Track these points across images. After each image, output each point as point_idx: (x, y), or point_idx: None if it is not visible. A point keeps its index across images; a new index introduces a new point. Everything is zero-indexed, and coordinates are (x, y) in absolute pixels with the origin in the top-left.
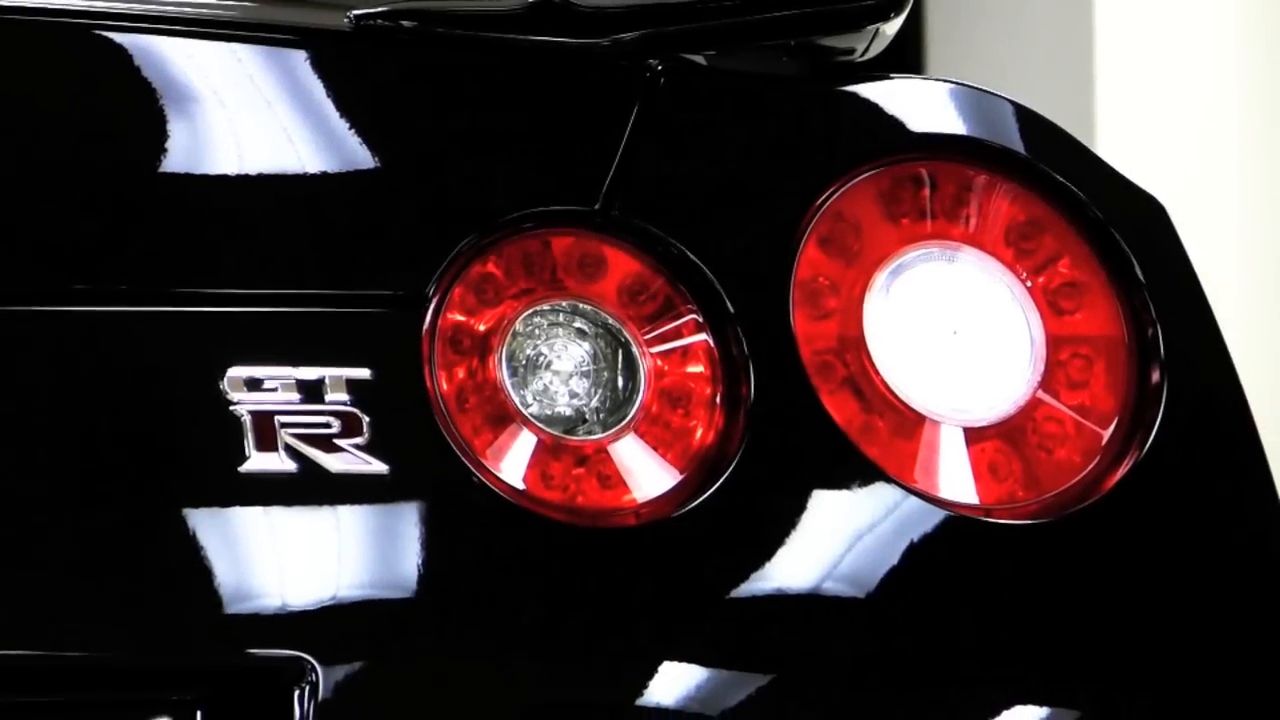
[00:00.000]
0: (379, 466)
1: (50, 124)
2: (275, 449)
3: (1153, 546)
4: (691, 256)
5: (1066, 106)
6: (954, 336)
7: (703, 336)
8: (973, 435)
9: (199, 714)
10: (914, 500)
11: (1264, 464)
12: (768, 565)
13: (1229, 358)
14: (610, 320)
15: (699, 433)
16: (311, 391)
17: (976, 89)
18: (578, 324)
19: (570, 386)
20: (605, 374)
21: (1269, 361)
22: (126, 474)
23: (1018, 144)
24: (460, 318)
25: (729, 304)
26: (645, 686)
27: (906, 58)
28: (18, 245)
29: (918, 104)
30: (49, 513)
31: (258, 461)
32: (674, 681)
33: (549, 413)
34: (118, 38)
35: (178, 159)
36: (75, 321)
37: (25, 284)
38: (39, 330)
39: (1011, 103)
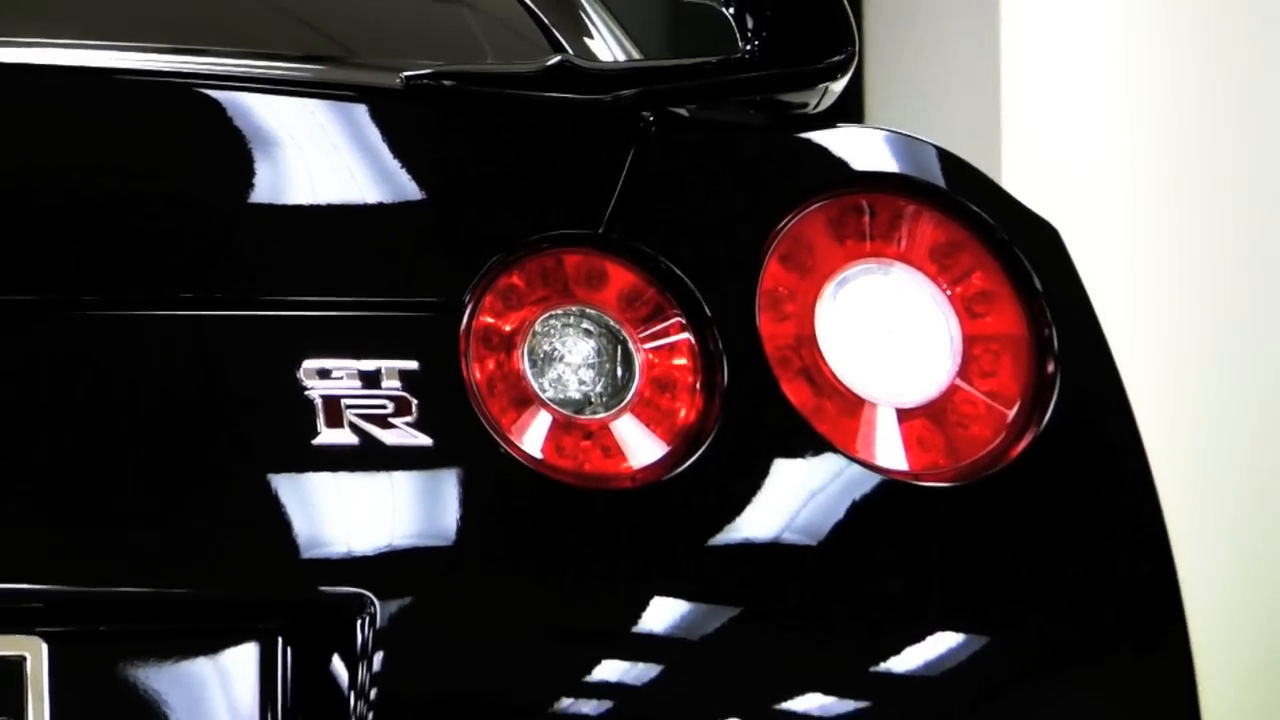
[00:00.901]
0: (424, 440)
1: (171, 166)
2: (341, 425)
3: (1048, 505)
4: (676, 271)
5: (978, 150)
6: (888, 335)
7: (685, 335)
8: (904, 415)
9: (280, 640)
10: (856, 467)
11: (1138, 438)
12: (738, 519)
13: (1110, 353)
14: (611, 322)
15: (682, 413)
16: (370, 379)
17: (907, 135)
18: (585, 325)
19: (579, 375)
20: (607, 365)
21: (1156, 357)
22: (225, 445)
23: (940, 180)
24: (490, 320)
25: (706, 309)
26: (638, 615)
27: (850, 110)
28: (144, 263)
29: (859, 148)
30: (165, 476)
31: (327, 436)
32: (659, 611)
33: (561, 397)
34: (220, 95)
35: (265, 194)
36: (184, 323)
37: (151, 293)
38: (159, 330)
39: (935, 146)
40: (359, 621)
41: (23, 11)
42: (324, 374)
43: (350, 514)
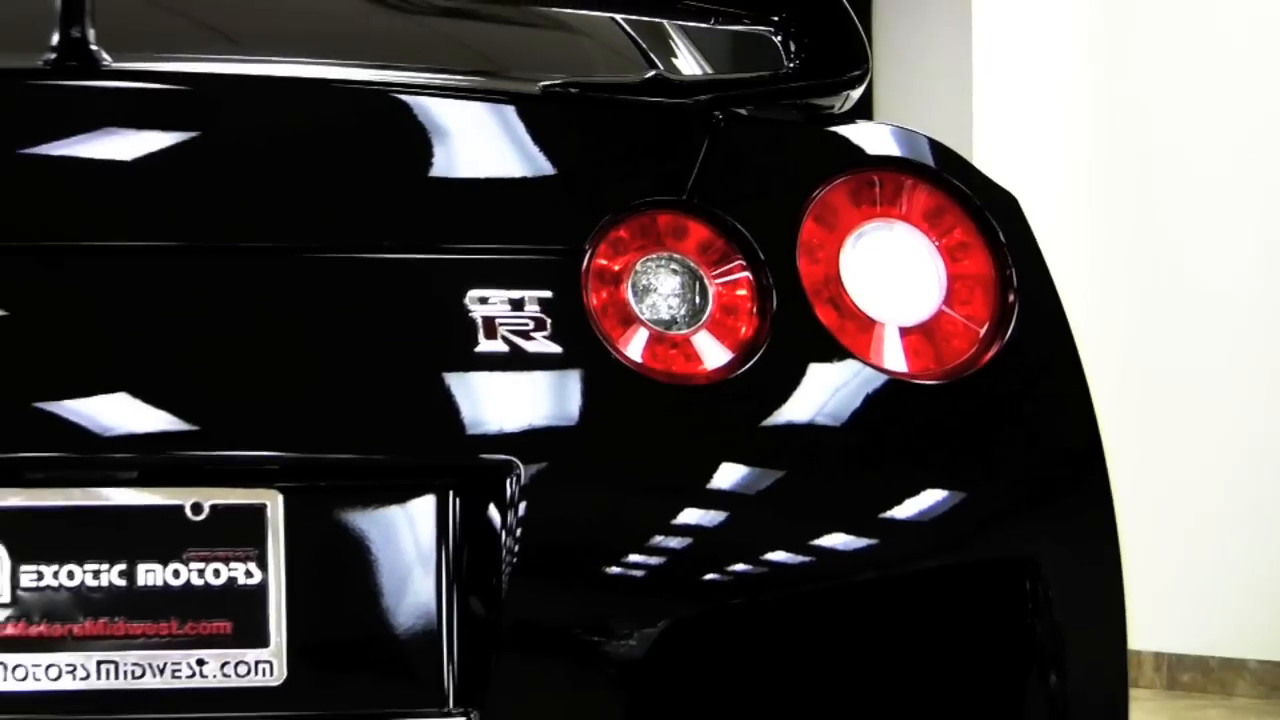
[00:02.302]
0: (556, 348)
1: (378, 151)
2: (495, 338)
3: (1009, 396)
4: (739, 227)
5: (956, 139)
6: (893, 274)
7: (745, 274)
8: (904, 332)
9: (451, 493)
10: (869, 370)
11: (1074, 347)
12: (783, 407)
13: (1054, 287)
14: (691, 264)
15: (743, 330)
16: (516, 304)
17: (906, 129)
18: (672, 266)
19: (668, 302)
20: (688, 295)
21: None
22: (413, 351)
23: (930, 161)
24: (603, 262)
25: (761, 255)
26: (709, 474)
27: (863, 110)
28: (358, 220)
29: (871, 138)
30: (370, 374)
31: (485, 345)
32: (724, 472)
33: (655, 318)
34: (410, 99)
35: (442, 170)
36: (386, 263)
37: (364, 241)
38: (370, 268)
39: (926, 137)
40: (508, 480)
41: (270, 39)
42: (483, 300)
43: (502, 402)
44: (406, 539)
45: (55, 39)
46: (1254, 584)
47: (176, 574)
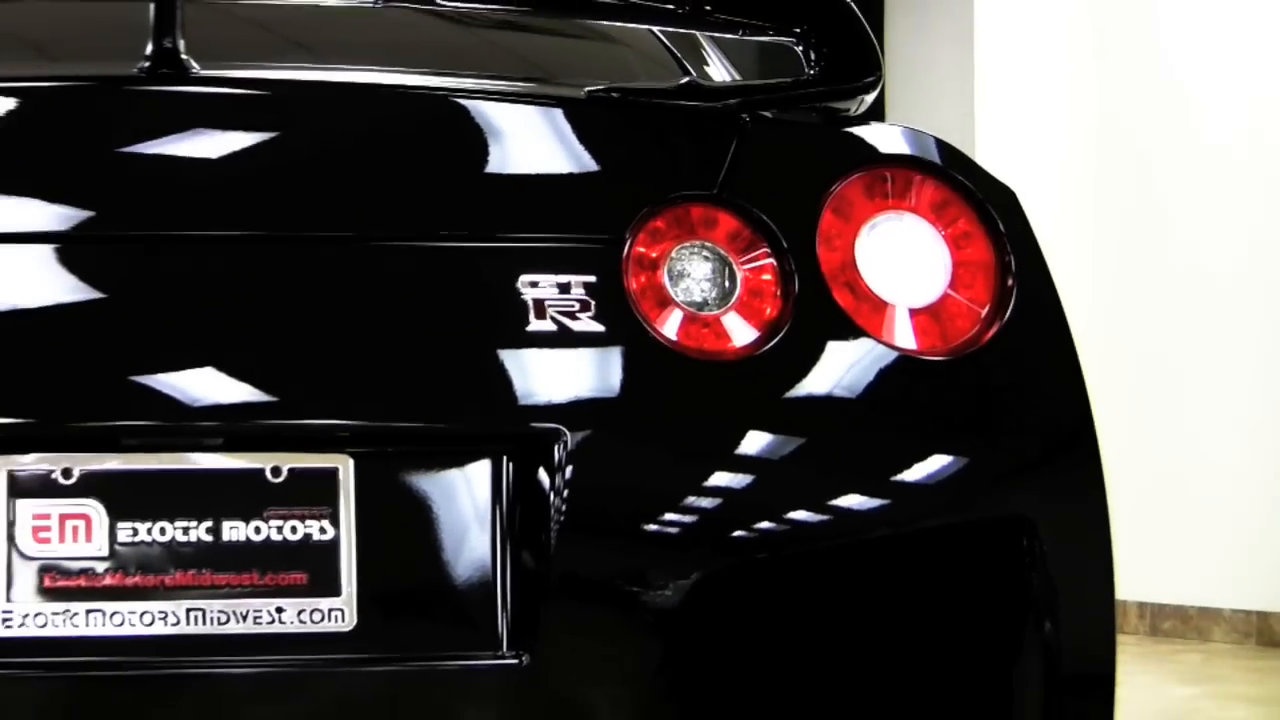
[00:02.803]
0: (599, 327)
1: (440, 149)
2: (545, 318)
3: (1007, 371)
4: (765, 218)
5: (960, 138)
6: (903, 260)
7: (770, 260)
8: (913, 313)
9: (504, 458)
10: (881, 347)
11: (1066, 327)
12: (804, 380)
13: (1049, 272)
14: (721, 251)
15: (768, 311)
16: (564, 288)
17: (914, 130)
18: (704, 253)
19: (700, 286)
20: (718, 280)
21: (1087, 277)
22: (470, 330)
23: (936, 159)
24: (642, 249)
25: (784, 243)
26: (738, 441)
27: (876, 112)
28: (424, 210)
29: (884, 138)
30: (432, 351)
31: (535, 325)
32: (751, 439)
33: (688, 299)
34: (469, 102)
35: (497, 166)
36: (448, 251)
37: (429, 229)
38: (433, 255)
39: (933, 137)
40: (556, 446)
41: (340, 49)
42: (534, 284)
43: (550, 375)
44: (464, 499)
45: (149, 49)
46: (1228, 540)
47: (257, 530)
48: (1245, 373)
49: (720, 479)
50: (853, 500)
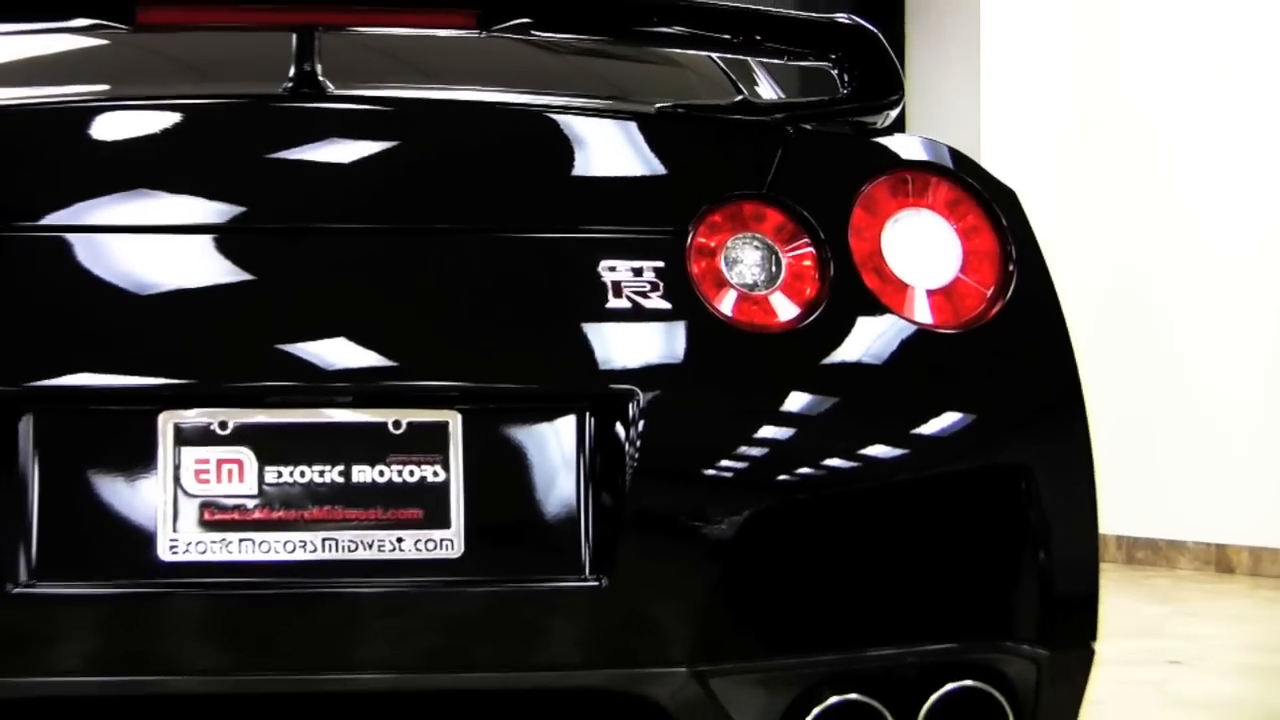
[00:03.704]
0: (667, 305)
1: (534, 156)
2: (621, 297)
3: (1009, 341)
4: (805, 213)
5: (968, 146)
6: (922, 249)
7: (810, 249)
8: (930, 293)
9: (587, 413)
10: (903, 322)
11: (1058, 304)
12: (839, 349)
13: (1043, 259)
14: (769, 241)
15: (808, 291)
16: (637, 272)
17: (931, 139)
18: (754, 243)
19: (751, 271)
20: (766, 265)
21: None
22: (559, 307)
23: (949, 164)
24: (702, 240)
25: (821, 235)
26: (781, 399)
27: (899, 125)
28: (524, 205)
29: (905, 147)
30: (526, 323)
31: (613, 302)
32: (793, 399)
33: (741, 282)
34: (559, 117)
35: (582, 169)
36: (541, 241)
37: (527, 222)
38: (531, 244)
39: (947, 145)
40: (630, 404)
41: (451, 71)
42: (612, 269)
43: (626, 344)
44: (553, 448)
45: (292, 72)
46: (1193, 483)
47: (381, 474)
48: (1225, 338)
49: (767, 431)
50: (879, 450)
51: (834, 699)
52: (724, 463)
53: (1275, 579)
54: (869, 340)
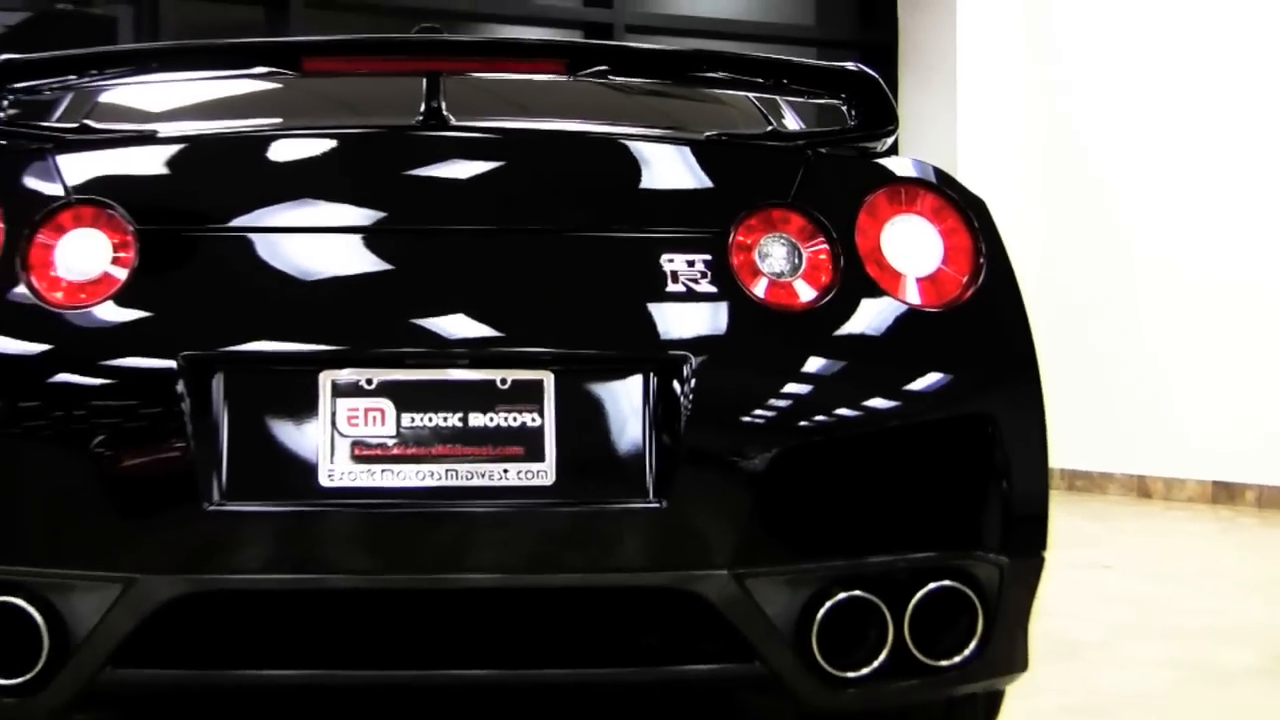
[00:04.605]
0: (713, 289)
1: (603, 175)
2: (678, 283)
3: (980, 317)
4: (821, 217)
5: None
6: (913, 245)
7: (825, 245)
8: (919, 280)
9: (651, 373)
10: (897, 303)
11: (1018, 292)
12: (847, 323)
13: (1006, 254)
14: (793, 240)
15: (823, 278)
16: (690, 263)
17: (920, 160)
18: (781, 240)
19: (779, 262)
20: (791, 258)
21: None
22: (622, 290)
23: (934, 179)
24: (740, 238)
25: (834, 234)
26: (802, 360)
27: (894, 149)
28: (591, 210)
29: (900, 166)
30: (599, 304)
31: (671, 286)
32: (813, 363)
33: (771, 270)
34: (627, 143)
35: (645, 182)
36: (606, 240)
37: (599, 222)
38: (602, 243)
39: (933, 165)
40: (684, 366)
41: (546, 107)
42: (670, 260)
43: (681, 320)
44: (624, 400)
45: (423, 107)
46: (1118, 419)
47: (490, 420)
48: (1159, 294)
49: (790, 388)
50: (879, 402)
51: (842, 595)
52: (757, 411)
53: (1184, 503)
54: (871, 317)
